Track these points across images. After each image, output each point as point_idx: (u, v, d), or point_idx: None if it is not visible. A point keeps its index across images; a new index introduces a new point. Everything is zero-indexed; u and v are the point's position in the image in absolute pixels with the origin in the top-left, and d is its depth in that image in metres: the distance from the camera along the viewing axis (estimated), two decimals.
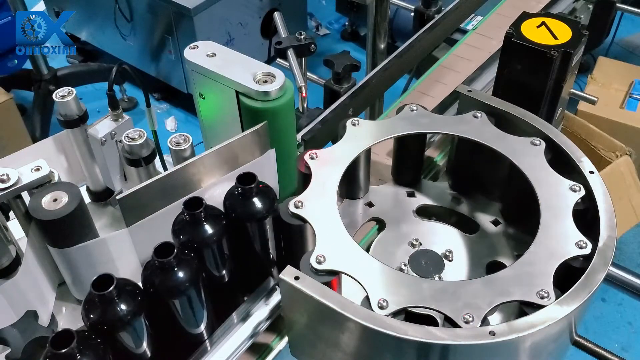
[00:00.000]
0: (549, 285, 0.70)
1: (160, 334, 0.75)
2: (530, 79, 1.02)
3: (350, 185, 1.01)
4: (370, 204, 1.02)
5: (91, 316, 0.65)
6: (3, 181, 0.80)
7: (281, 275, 0.70)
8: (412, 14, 1.57)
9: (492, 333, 0.65)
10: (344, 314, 0.66)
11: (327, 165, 0.86)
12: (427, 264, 0.89)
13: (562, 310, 0.67)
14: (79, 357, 0.59)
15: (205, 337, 0.81)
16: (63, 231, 0.80)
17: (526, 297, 0.69)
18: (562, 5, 1.53)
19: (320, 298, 0.68)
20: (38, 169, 0.82)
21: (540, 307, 0.68)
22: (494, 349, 0.66)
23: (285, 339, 0.84)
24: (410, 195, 1.03)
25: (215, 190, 0.85)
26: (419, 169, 1.05)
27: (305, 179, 0.85)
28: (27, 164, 0.82)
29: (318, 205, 0.80)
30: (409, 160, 1.04)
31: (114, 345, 0.67)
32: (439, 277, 0.86)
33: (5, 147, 2.01)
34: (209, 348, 0.81)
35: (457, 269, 0.89)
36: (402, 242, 0.92)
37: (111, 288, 0.64)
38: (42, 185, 0.82)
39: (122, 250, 0.84)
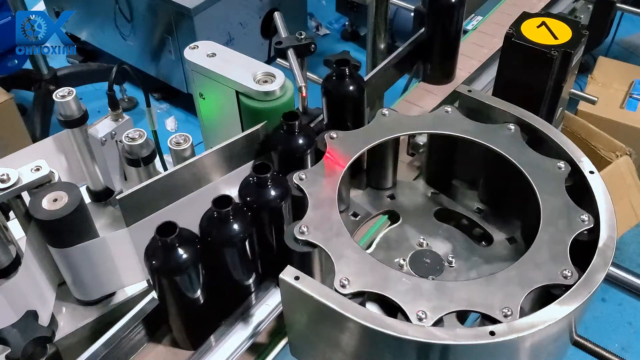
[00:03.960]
0: (516, 306, 0.68)
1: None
2: (530, 79, 1.02)
3: (374, 174, 1.01)
4: (392, 197, 1.02)
5: (247, 198, 0.78)
6: (3, 181, 0.80)
7: (281, 275, 0.70)
8: (412, 14, 1.57)
9: (492, 333, 0.65)
10: (344, 314, 0.66)
11: (343, 146, 0.86)
12: (427, 264, 0.89)
13: (562, 310, 0.67)
14: (232, 219, 0.73)
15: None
16: (63, 231, 0.80)
17: (488, 311, 0.68)
18: (562, 5, 1.53)
19: (320, 298, 0.67)
20: (38, 169, 0.82)
21: (499, 322, 0.67)
22: (494, 349, 0.66)
23: (285, 339, 0.84)
24: (435, 194, 1.03)
25: (215, 190, 0.85)
26: (449, 172, 1.04)
27: (321, 156, 0.86)
28: (27, 164, 0.82)
29: (320, 181, 0.81)
30: (438, 162, 1.03)
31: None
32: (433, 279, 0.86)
33: (5, 147, 2.00)
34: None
35: (456, 274, 0.88)
36: (409, 240, 0.93)
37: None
38: (42, 185, 0.82)
39: (122, 250, 0.84)
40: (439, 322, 0.68)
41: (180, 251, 0.71)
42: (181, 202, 0.83)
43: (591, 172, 0.82)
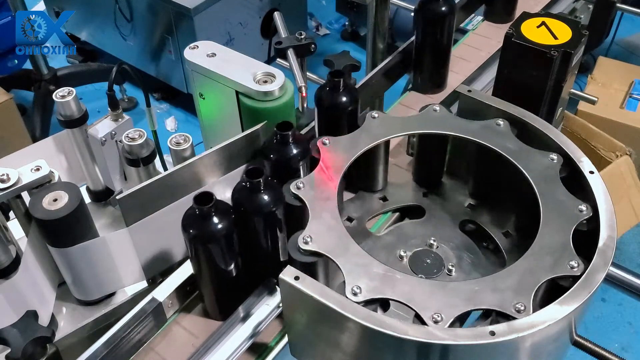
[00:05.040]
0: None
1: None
2: (530, 79, 1.02)
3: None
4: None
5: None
6: (3, 181, 0.80)
7: (281, 275, 0.70)
8: (412, 14, 1.57)
9: (492, 333, 0.65)
10: (344, 314, 0.66)
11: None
12: (427, 264, 0.89)
13: (562, 310, 0.67)
14: (262, 190, 0.76)
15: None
16: (63, 231, 0.80)
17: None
18: (562, 5, 1.53)
19: (320, 298, 0.67)
20: (38, 169, 0.82)
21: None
22: (494, 349, 0.66)
23: (285, 339, 0.84)
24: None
25: (215, 189, 0.85)
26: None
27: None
28: (27, 164, 0.82)
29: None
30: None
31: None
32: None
33: (5, 147, 2.00)
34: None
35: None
36: (420, 238, 0.94)
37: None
38: (42, 185, 0.82)
39: (122, 250, 0.84)
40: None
41: (216, 220, 0.73)
42: (181, 202, 0.83)
43: (591, 172, 0.82)
